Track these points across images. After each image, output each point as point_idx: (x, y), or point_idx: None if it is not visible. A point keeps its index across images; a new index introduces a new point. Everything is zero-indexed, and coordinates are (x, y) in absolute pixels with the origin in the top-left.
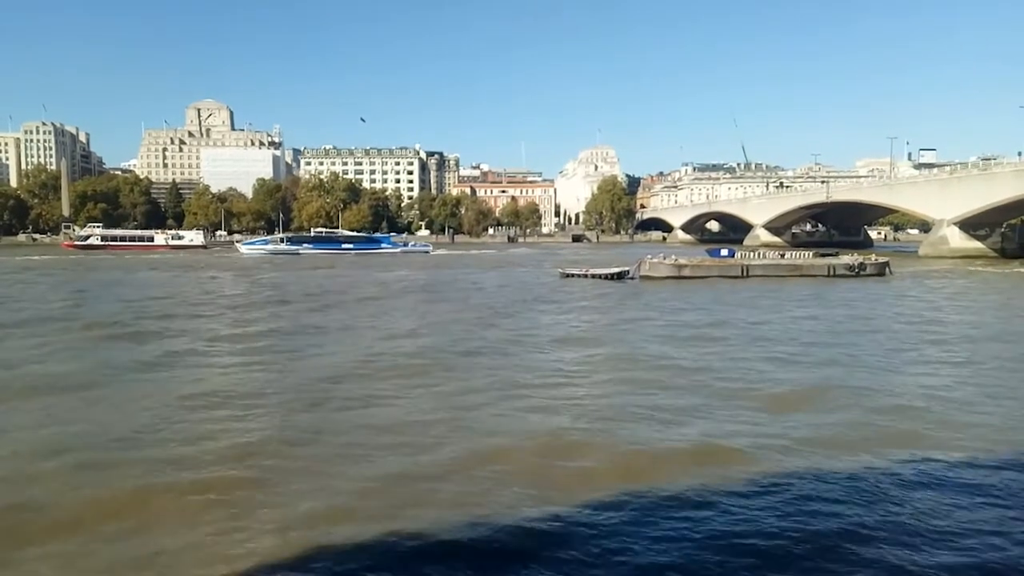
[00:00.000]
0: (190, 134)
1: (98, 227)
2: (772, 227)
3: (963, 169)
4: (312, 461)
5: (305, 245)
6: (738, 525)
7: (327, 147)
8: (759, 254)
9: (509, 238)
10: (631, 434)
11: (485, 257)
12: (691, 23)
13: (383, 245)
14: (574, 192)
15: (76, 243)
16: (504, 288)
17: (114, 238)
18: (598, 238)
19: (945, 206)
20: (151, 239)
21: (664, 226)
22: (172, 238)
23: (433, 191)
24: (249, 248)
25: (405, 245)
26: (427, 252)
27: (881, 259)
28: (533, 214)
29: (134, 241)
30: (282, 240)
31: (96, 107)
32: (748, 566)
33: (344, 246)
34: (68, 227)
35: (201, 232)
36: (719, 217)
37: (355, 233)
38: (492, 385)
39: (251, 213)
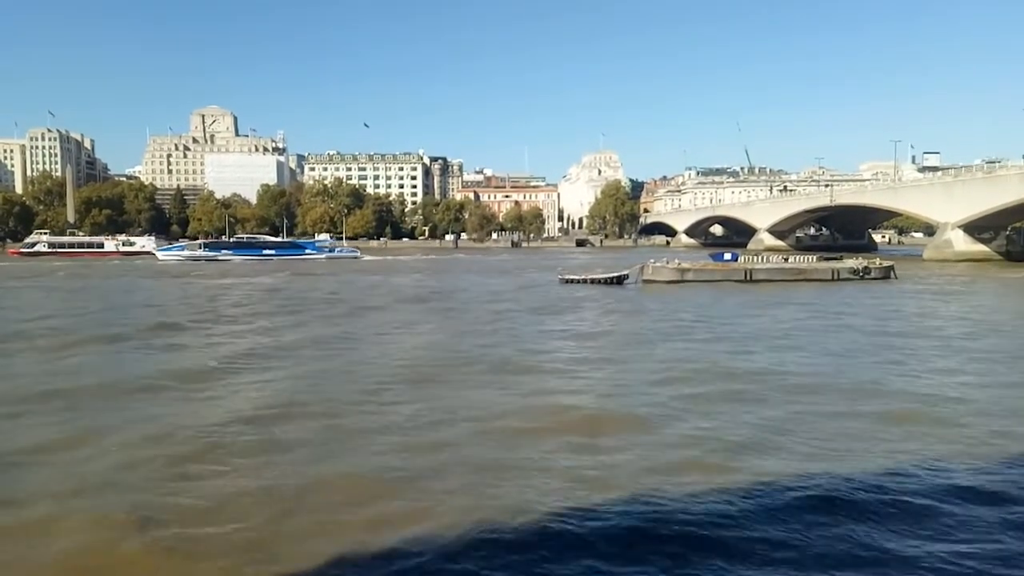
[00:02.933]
0: (194, 140)
1: (45, 234)
2: (776, 231)
3: (967, 172)
4: None
5: (224, 251)
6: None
7: (331, 153)
8: (763, 258)
9: (513, 243)
10: None
11: (475, 264)
12: (694, 26)
13: (307, 251)
14: (577, 197)
15: (23, 251)
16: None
17: (62, 245)
18: (601, 243)
19: (949, 209)
20: (100, 245)
21: (668, 230)
22: (122, 244)
23: (437, 196)
24: (165, 254)
25: (331, 251)
26: (356, 258)
27: (885, 263)
28: (536, 219)
29: (83, 248)
30: (201, 246)
31: (101, 113)
32: None
33: (266, 252)
34: (73, 233)
35: (152, 238)
36: (723, 221)
37: (277, 239)
38: None
39: (255, 219)
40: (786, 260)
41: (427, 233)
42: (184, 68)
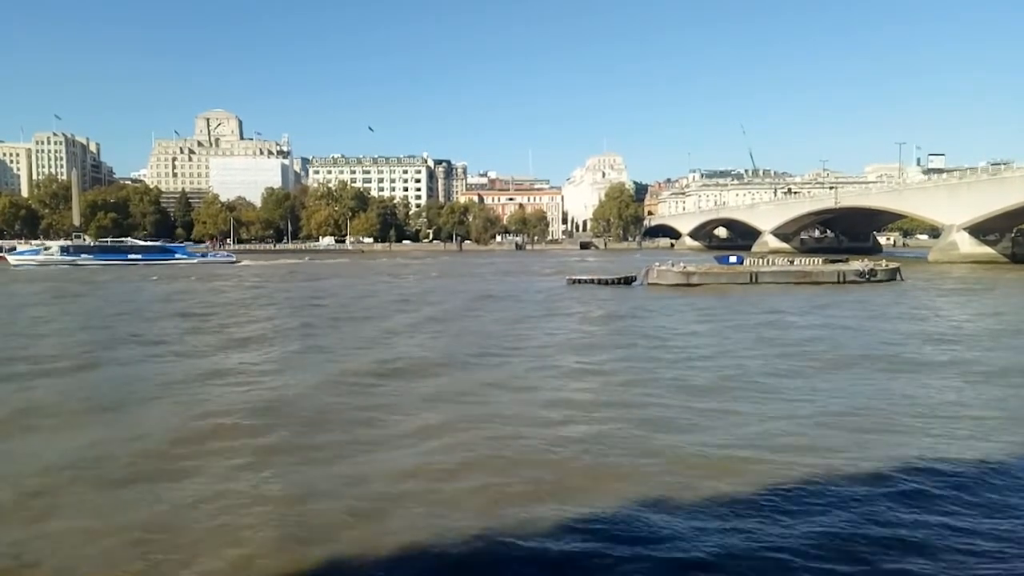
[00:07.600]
0: (199, 144)
1: None
2: (780, 233)
3: (973, 174)
4: None
5: (84, 256)
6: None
7: (335, 156)
8: (768, 261)
9: (517, 245)
10: None
11: (467, 270)
12: (698, 29)
13: (177, 255)
14: (582, 199)
15: None
16: None
17: None
18: (606, 245)
19: (955, 211)
20: (13, 249)
21: (672, 233)
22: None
23: (441, 199)
24: (17, 259)
25: (204, 255)
26: (231, 262)
27: (891, 265)
28: (540, 221)
29: None
30: (60, 249)
31: (107, 117)
32: None
33: (131, 256)
34: (79, 236)
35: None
36: (727, 223)
37: (146, 243)
38: None
39: (260, 222)
40: (792, 263)
41: (431, 236)
42: (189, 72)
